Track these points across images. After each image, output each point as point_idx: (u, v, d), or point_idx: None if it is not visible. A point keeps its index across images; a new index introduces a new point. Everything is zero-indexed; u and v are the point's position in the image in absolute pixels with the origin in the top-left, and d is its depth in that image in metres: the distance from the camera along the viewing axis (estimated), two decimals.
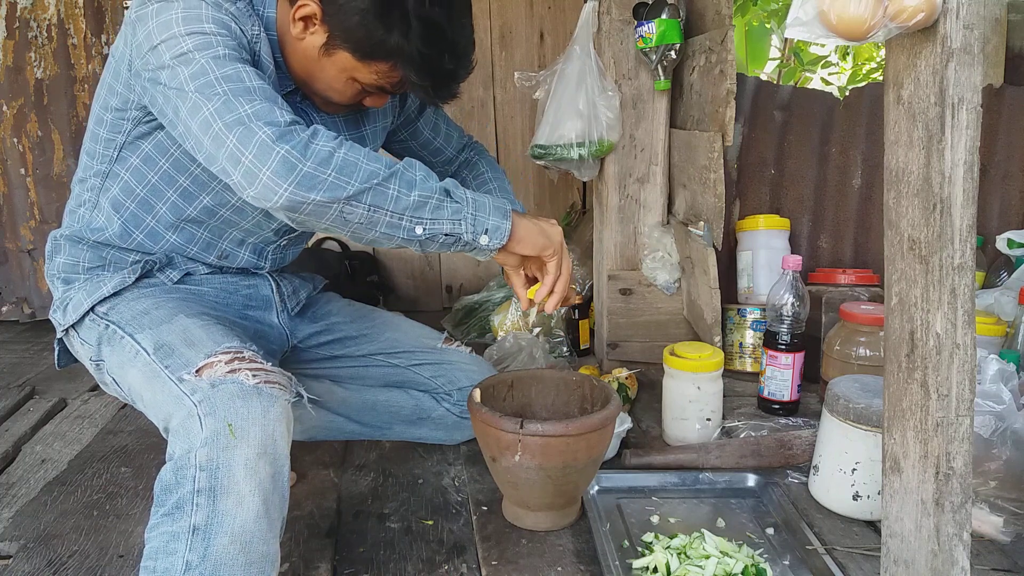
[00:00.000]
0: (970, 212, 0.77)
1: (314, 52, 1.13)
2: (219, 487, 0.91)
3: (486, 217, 1.08)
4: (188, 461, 0.92)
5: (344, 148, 1.00)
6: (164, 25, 1.03)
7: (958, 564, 0.82)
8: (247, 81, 1.01)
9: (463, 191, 1.08)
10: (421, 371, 1.55)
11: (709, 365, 1.53)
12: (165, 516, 0.92)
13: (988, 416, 1.28)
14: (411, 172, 1.04)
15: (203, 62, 1.01)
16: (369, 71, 1.12)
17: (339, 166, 0.97)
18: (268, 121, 0.97)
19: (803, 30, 0.78)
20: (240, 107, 0.98)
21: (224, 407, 0.95)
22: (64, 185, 2.50)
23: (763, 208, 2.15)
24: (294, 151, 0.95)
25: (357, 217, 1.01)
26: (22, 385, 1.98)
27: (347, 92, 1.18)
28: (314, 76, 1.17)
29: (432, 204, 1.04)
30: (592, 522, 1.24)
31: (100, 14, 2.43)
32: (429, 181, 1.05)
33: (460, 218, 1.06)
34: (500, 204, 1.11)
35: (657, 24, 1.76)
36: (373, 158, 1.01)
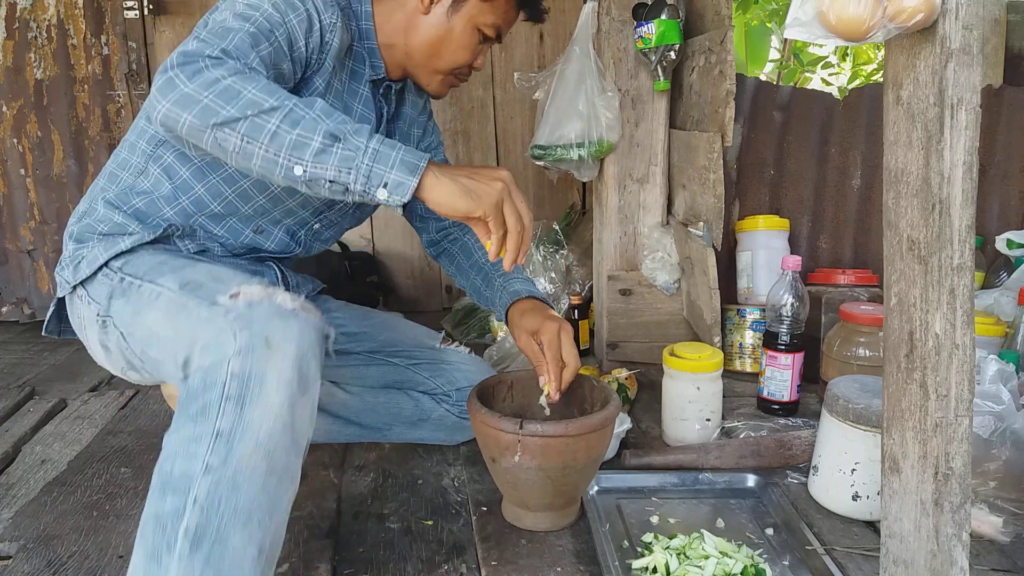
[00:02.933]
0: (969, 212, 0.77)
1: (442, 19, 1.26)
2: (249, 396, 0.90)
3: (386, 170, 0.97)
4: (219, 369, 0.91)
5: (238, 77, 0.98)
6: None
7: (957, 564, 0.82)
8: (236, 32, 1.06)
9: (368, 139, 0.98)
10: (420, 371, 1.55)
11: (709, 365, 1.53)
12: (188, 420, 0.91)
13: (987, 416, 1.28)
14: (302, 110, 0.97)
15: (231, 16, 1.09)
16: (492, 8, 1.26)
17: (221, 91, 0.97)
18: (188, 51, 1.00)
19: (802, 30, 0.78)
20: (195, 39, 1.04)
21: (261, 323, 0.95)
22: (64, 186, 2.50)
23: (763, 208, 2.15)
24: (182, 74, 0.98)
25: (231, 146, 0.97)
26: (22, 385, 1.98)
27: (471, 44, 1.29)
28: (441, 47, 1.28)
29: (315, 147, 0.96)
30: (592, 522, 1.24)
31: (100, 15, 2.43)
32: (321, 122, 0.97)
33: (350, 167, 0.97)
34: (412, 158, 0.99)
35: (657, 24, 1.76)
36: (268, 90, 0.98)
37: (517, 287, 1.42)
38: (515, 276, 1.45)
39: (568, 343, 1.29)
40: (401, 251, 2.70)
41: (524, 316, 1.34)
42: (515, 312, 1.37)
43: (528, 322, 1.33)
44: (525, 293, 1.40)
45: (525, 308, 1.36)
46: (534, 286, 1.45)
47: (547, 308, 1.38)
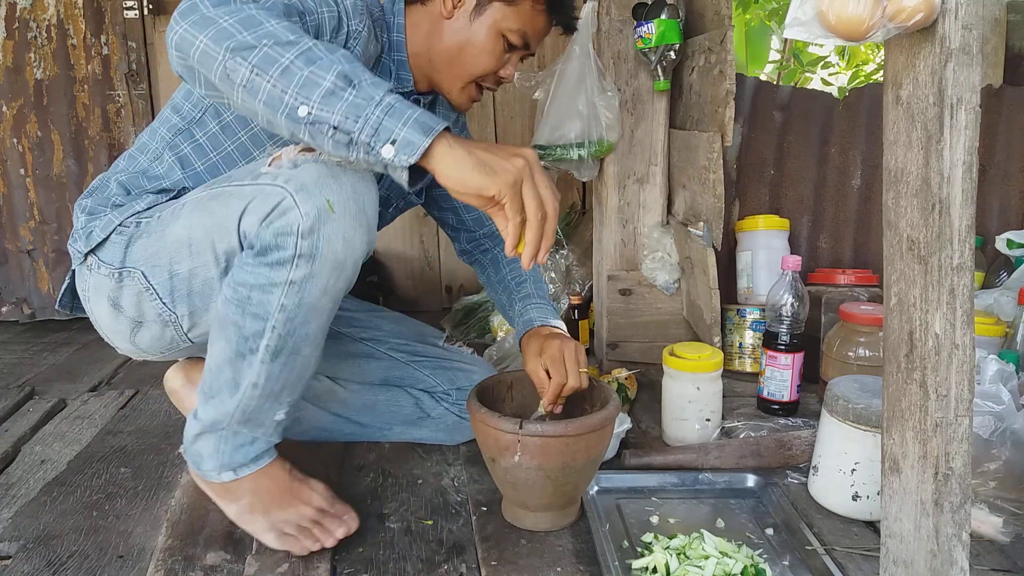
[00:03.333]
0: (969, 212, 0.77)
1: (465, 24, 1.27)
2: (319, 255, 1.02)
3: (397, 126, 0.90)
4: (290, 230, 1.00)
5: (263, 10, 0.95)
6: None
7: (957, 564, 0.82)
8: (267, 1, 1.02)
9: (385, 93, 0.91)
10: (421, 368, 1.55)
11: (708, 365, 1.53)
12: (264, 264, 1.03)
13: (987, 416, 1.28)
14: (320, 51, 0.92)
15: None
16: (518, 14, 1.26)
17: (242, 18, 0.93)
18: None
19: (802, 30, 0.78)
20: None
21: (315, 184, 1.00)
22: (64, 186, 2.50)
23: (763, 208, 2.15)
24: (200, 4, 0.95)
25: (240, 77, 0.91)
26: (22, 385, 1.98)
27: (496, 51, 1.28)
28: (463, 52, 1.28)
29: (325, 87, 0.90)
30: (592, 522, 1.24)
31: (99, 15, 2.43)
32: (337, 64, 0.91)
33: (359, 115, 0.89)
34: (429, 120, 0.91)
35: (656, 24, 1.76)
36: (290, 27, 0.94)
37: (532, 315, 1.42)
38: (534, 301, 1.46)
39: (572, 365, 1.29)
40: (401, 251, 2.70)
41: (531, 341, 1.36)
42: (524, 340, 1.39)
43: (533, 345, 1.34)
44: (538, 322, 1.40)
45: (532, 334, 1.38)
46: (550, 310, 1.45)
47: (555, 332, 1.37)
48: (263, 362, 1.08)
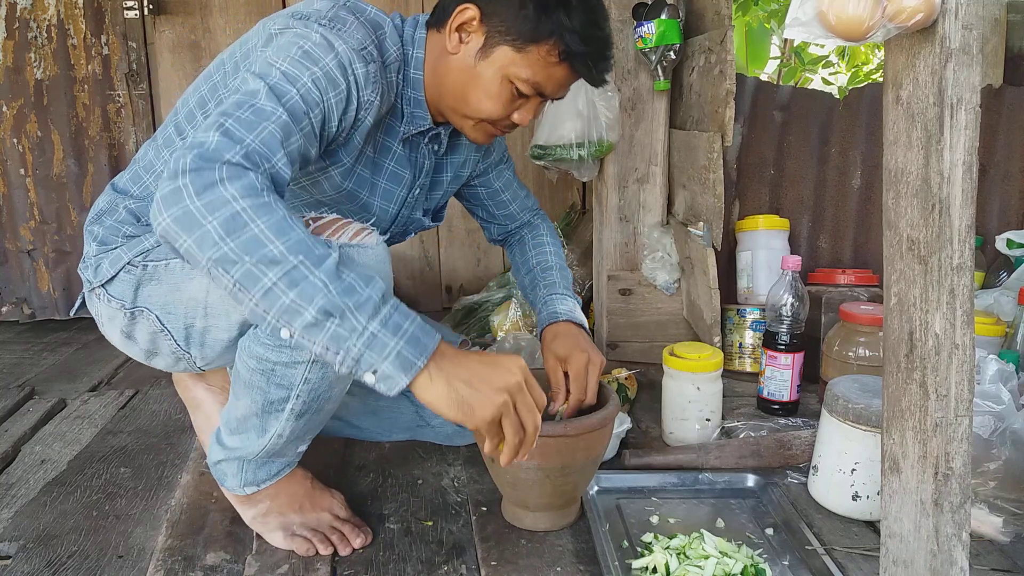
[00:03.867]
0: (969, 212, 0.77)
1: (470, 61, 1.17)
2: None
3: (378, 360, 0.90)
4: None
5: (251, 203, 0.88)
6: (290, 42, 1.07)
7: (957, 564, 0.82)
8: (266, 122, 0.96)
9: (370, 318, 0.89)
10: None
11: (708, 365, 1.53)
12: (286, 346, 1.06)
13: (987, 416, 1.28)
14: (306, 269, 0.88)
15: (265, 90, 0.99)
16: (527, 61, 1.15)
17: (227, 218, 0.87)
18: (206, 151, 0.90)
19: (802, 30, 0.78)
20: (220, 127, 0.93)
21: None
22: (64, 186, 2.50)
23: (763, 208, 2.15)
24: (192, 186, 0.88)
25: (224, 285, 0.89)
26: (22, 385, 1.98)
27: (502, 96, 1.18)
28: (469, 90, 1.19)
29: (306, 319, 0.88)
30: (592, 522, 1.24)
31: (100, 15, 2.43)
32: (320, 292, 0.88)
33: (340, 347, 0.89)
34: (411, 352, 0.90)
35: (656, 24, 1.76)
36: (278, 228, 0.88)
37: (557, 307, 1.42)
38: (559, 291, 1.45)
39: (594, 381, 1.30)
40: (401, 251, 2.70)
41: (556, 339, 1.35)
42: (549, 334, 1.38)
43: (559, 347, 1.33)
44: (564, 317, 1.39)
45: (559, 331, 1.36)
46: (574, 305, 1.44)
47: (581, 334, 1.37)
48: (288, 420, 1.14)
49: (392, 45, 1.19)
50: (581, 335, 1.36)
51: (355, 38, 1.10)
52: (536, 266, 1.52)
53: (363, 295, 0.90)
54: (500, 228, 1.59)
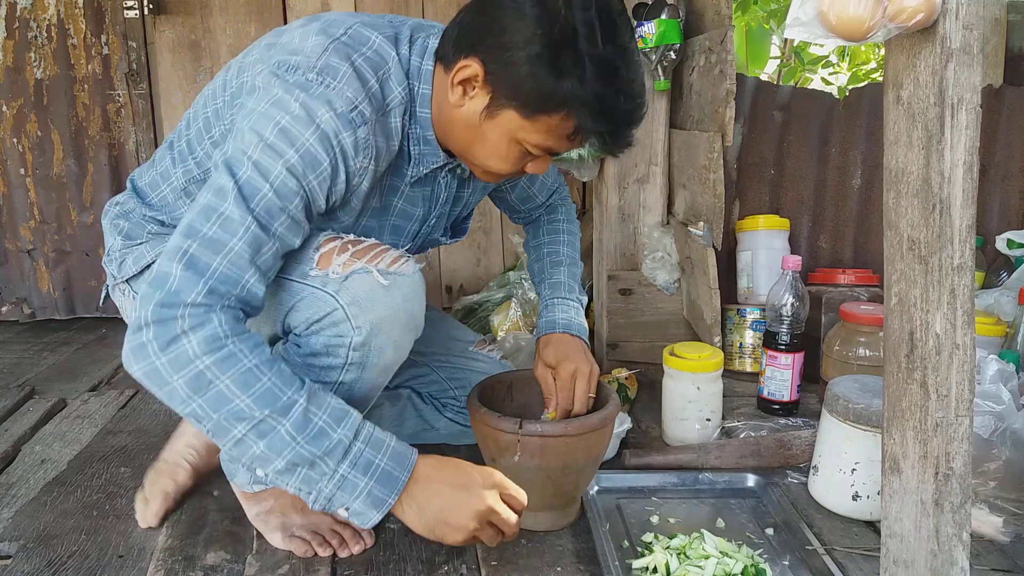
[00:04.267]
0: (969, 212, 0.77)
1: (474, 118, 1.05)
2: (370, 363, 1.09)
3: (349, 499, 0.95)
4: (342, 342, 1.06)
5: (214, 358, 0.91)
6: (267, 115, 0.99)
7: (957, 564, 0.82)
8: (234, 239, 0.95)
9: (340, 461, 0.94)
10: (440, 372, 1.54)
11: (709, 365, 1.53)
12: (314, 366, 1.08)
13: (988, 416, 1.28)
14: (274, 420, 0.92)
15: (234, 193, 0.96)
16: (537, 128, 1.03)
17: (192, 378, 0.91)
18: (168, 297, 0.92)
19: (803, 30, 0.78)
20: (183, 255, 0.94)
21: (368, 299, 1.05)
22: (64, 185, 2.50)
23: (763, 208, 2.15)
24: (155, 341, 0.91)
25: (202, 427, 0.95)
26: (22, 385, 1.98)
27: (510, 157, 1.08)
28: (473, 146, 1.09)
29: (277, 466, 0.94)
30: (592, 522, 1.24)
31: (100, 14, 2.43)
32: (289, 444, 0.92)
33: (311, 488, 0.95)
34: (381, 491, 0.96)
35: (657, 24, 1.76)
36: (243, 382, 0.91)
37: (556, 315, 1.39)
38: (561, 294, 1.42)
39: (581, 391, 1.29)
40: None
41: (547, 347, 1.34)
42: (542, 342, 1.37)
43: (549, 355, 1.33)
44: (560, 328, 1.37)
45: (551, 340, 1.35)
46: (575, 311, 1.41)
47: (574, 343, 1.34)
48: None
49: (397, 85, 1.08)
50: (573, 344, 1.34)
51: (344, 97, 1.00)
52: (546, 256, 1.49)
53: (333, 439, 0.94)
54: (526, 217, 1.55)
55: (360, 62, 1.04)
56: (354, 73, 1.02)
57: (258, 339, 0.97)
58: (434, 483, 1.00)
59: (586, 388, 1.29)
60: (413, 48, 1.11)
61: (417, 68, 1.10)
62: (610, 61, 0.99)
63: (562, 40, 0.97)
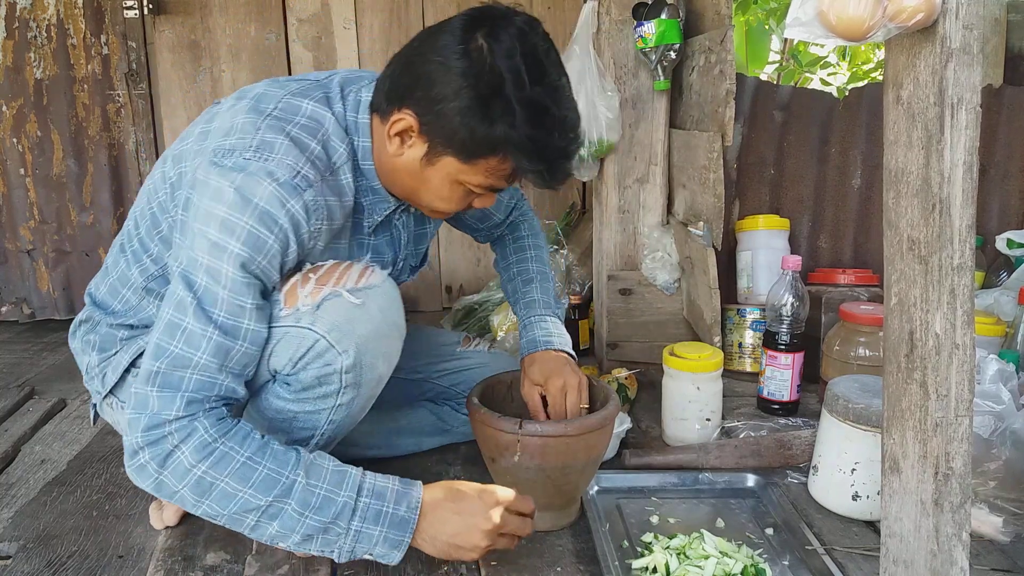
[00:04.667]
0: (969, 212, 0.77)
1: (415, 165, 1.08)
2: (364, 380, 1.10)
3: (369, 547, 1.02)
4: (332, 370, 1.06)
5: (209, 463, 0.97)
6: (205, 217, 1.01)
7: (957, 564, 0.82)
8: (198, 353, 0.99)
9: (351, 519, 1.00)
10: (441, 380, 1.54)
11: (709, 365, 1.52)
12: (308, 399, 1.09)
13: (987, 416, 1.28)
14: (281, 502, 0.98)
15: (193, 305, 1.00)
16: (476, 171, 1.06)
17: (194, 483, 0.98)
18: (151, 420, 0.98)
19: (802, 30, 0.78)
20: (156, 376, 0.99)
21: (347, 322, 1.05)
22: (64, 185, 2.50)
23: (763, 208, 2.15)
24: (153, 461, 0.99)
25: (219, 523, 1.01)
26: (22, 385, 1.98)
27: (454, 197, 1.11)
28: (418, 191, 1.12)
29: (295, 540, 1.01)
30: (592, 522, 1.24)
31: (99, 14, 2.43)
32: (298, 520, 0.99)
33: (332, 548, 1.02)
34: (396, 533, 1.02)
35: (656, 24, 1.76)
36: (242, 476, 0.98)
37: (536, 334, 1.39)
38: (538, 312, 1.42)
39: (573, 404, 1.29)
40: None
41: (533, 366, 1.34)
42: (527, 361, 1.37)
43: (535, 373, 1.33)
44: (542, 346, 1.37)
45: (536, 359, 1.35)
46: (553, 324, 1.41)
47: (559, 359, 1.34)
48: (311, 449, 1.13)
49: (339, 142, 1.11)
50: (558, 360, 1.34)
51: (284, 165, 1.02)
52: (517, 276, 1.49)
53: (338, 503, 1.00)
54: (487, 235, 1.56)
55: (295, 132, 1.06)
56: (291, 142, 1.04)
57: (246, 430, 1.02)
58: (441, 512, 1.04)
59: (577, 400, 1.29)
60: (347, 104, 1.14)
61: (354, 123, 1.13)
62: (539, 102, 1.01)
63: (490, 89, 1.00)
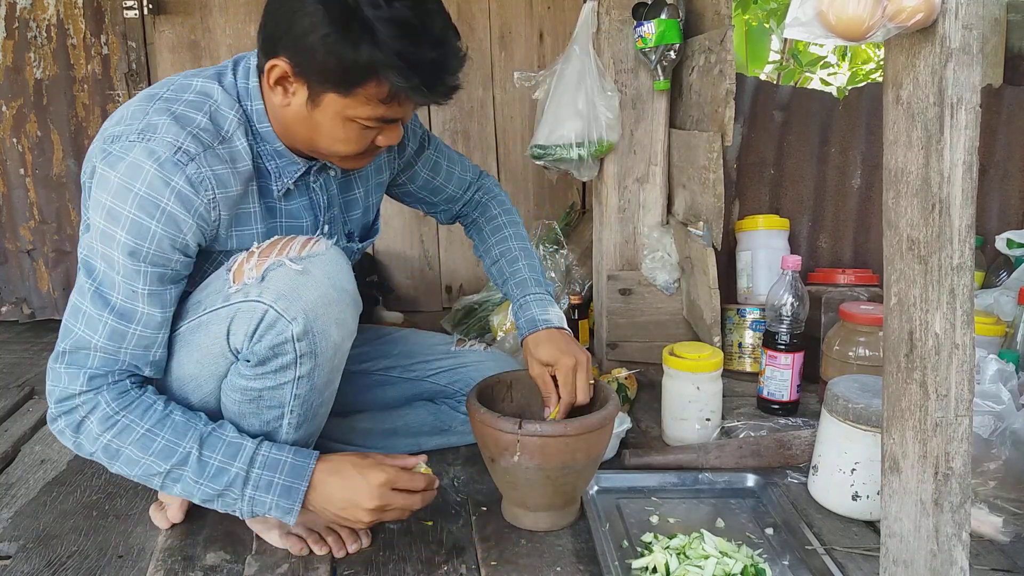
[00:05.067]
0: (969, 212, 0.77)
1: (303, 111, 1.09)
2: (318, 348, 1.10)
3: (264, 510, 1.11)
4: (284, 339, 1.06)
5: (114, 432, 1.08)
6: (97, 206, 1.06)
7: (957, 564, 0.82)
8: (96, 336, 1.07)
9: (243, 487, 1.09)
10: (438, 379, 1.54)
11: (708, 365, 1.52)
12: (267, 373, 1.10)
13: (987, 416, 1.28)
14: (180, 469, 1.08)
15: (91, 291, 1.07)
16: (358, 102, 1.05)
17: (102, 449, 1.09)
18: (61, 392, 1.08)
19: (802, 30, 0.78)
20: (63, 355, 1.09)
21: (291, 289, 1.06)
22: (64, 186, 2.50)
23: (762, 208, 2.15)
24: (68, 429, 1.09)
25: (132, 479, 1.12)
26: (21, 385, 1.98)
27: (352, 137, 1.10)
28: (315, 139, 1.12)
29: (198, 498, 1.11)
30: (591, 522, 1.24)
31: (99, 14, 2.43)
32: (196, 486, 1.09)
33: (232, 508, 1.11)
34: (286, 501, 1.10)
35: (656, 24, 1.76)
36: (143, 444, 1.08)
37: (534, 313, 1.39)
38: (531, 290, 1.42)
39: (583, 382, 1.29)
40: (401, 251, 2.70)
41: (539, 346, 1.34)
42: (531, 342, 1.36)
43: (543, 353, 1.32)
44: (542, 325, 1.37)
45: (540, 338, 1.35)
46: (550, 303, 1.42)
47: (563, 337, 1.35)
48: (288, 432, 1.18)
49: (229, 111, 1.12)
50: (563, 338, 1.35)
51: (165, 143, 1.05)
52: (500, 257, 1.48)
53: (231, 473, 1.09)
54: (446, 213, 1.54)
55: (180, 109, 1.10)
56: (173, 120, 1.08)
57: (148, 403, 1.10)
58: (327, 488, 1.12)
59: (586, 378, 1.30)
60: (237, 73, 1.16)
61: (245, 88, 1.15)
62: (398, 17, 1.00)
63: (346, 13, 1.00)
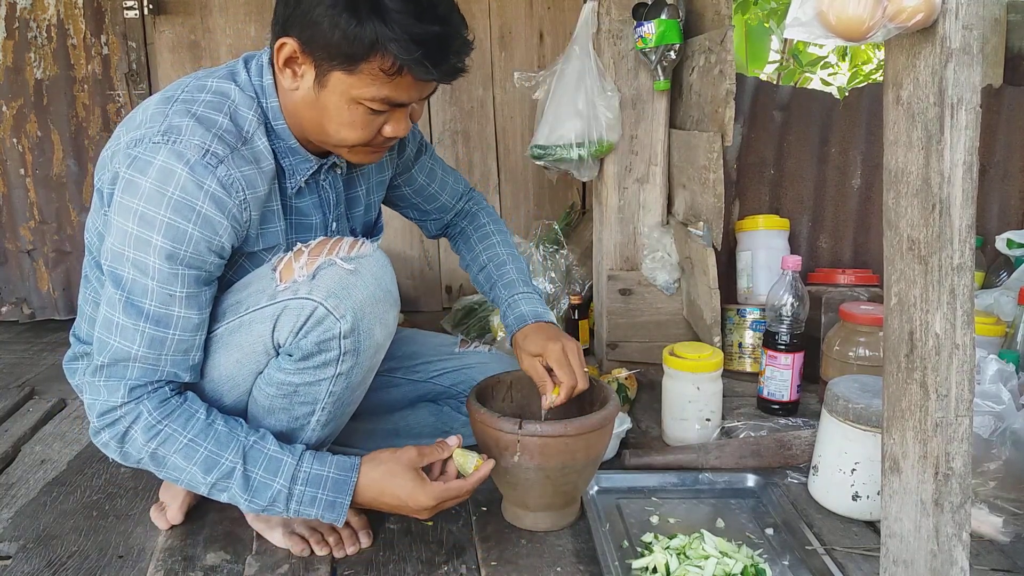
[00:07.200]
0: (969, 212, 0.77)
1: (311, 95, 1.09)
2: (362, 347, 1.12)
3: (313, 510, 1.11)
4: (331, 335, 1.08)
5: (158, 441, 1.08)
6: (125, 211, 1.05)
7: (957, 564, 0.82)
8: (134, 346, 1.06)
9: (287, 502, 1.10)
10: (441, 380, 1.53)
11: (708, 365, 1.52)
12: (309, 368, 1.11)
13: (987, 416, 1.28)
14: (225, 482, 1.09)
15: (122, 301, 1.06)
16: (363, 80, 1.05)
17: (149, 456, 1.09)
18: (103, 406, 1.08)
19: (802, 30, 0.78)
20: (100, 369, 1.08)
21: (342, 288, 1.08)
22: (64, 186, 2.50)
23: (762, 208, 2.15)
24: (112, 441, 1.10)
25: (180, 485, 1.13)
26: (22, 385, 1.98)
27: (357, 121, 1.09)
28: (324, 124, 1.11)
29: (244, 507, 1.12)
30: (592, 522, 1.24)
31: (99, 14, 2.43)
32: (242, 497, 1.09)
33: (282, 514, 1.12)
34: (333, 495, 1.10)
35: (656, 24, 1.76)
36: (188, 453, 1.08)
37: (523, 310, 1.39)
38: (520, 290, 1.42)
39: (576, 362, 1.29)
40: (401, 251, 2.70)
41: (527, 339, 1.34)
42: (519, 336, 1.36)
43: (530, 345, 1.33)
44: (531, 319, 1.37)
45: (527, 332, 1.35)
46: (538, 301, 1.42)
47: (550, 328, 1.35)
48: (314, 430, 1.19)
49: (247, 110, 1.12)
50: (550, 328, 1.35)
51: (193, 145, 1.04)
52: (488, 262, 1.48)
53: (274, 489, 1.09)
54: (436, 223, 1.54)
55: (201, 110, 1.09)
56: (196, 122, 1.07)
57: (190, 411, 1.10)
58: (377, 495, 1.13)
59: (580, 362, 1.30)
60: (250, 72, 1.16)
61: (260, 86, 1.15)
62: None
63: None
